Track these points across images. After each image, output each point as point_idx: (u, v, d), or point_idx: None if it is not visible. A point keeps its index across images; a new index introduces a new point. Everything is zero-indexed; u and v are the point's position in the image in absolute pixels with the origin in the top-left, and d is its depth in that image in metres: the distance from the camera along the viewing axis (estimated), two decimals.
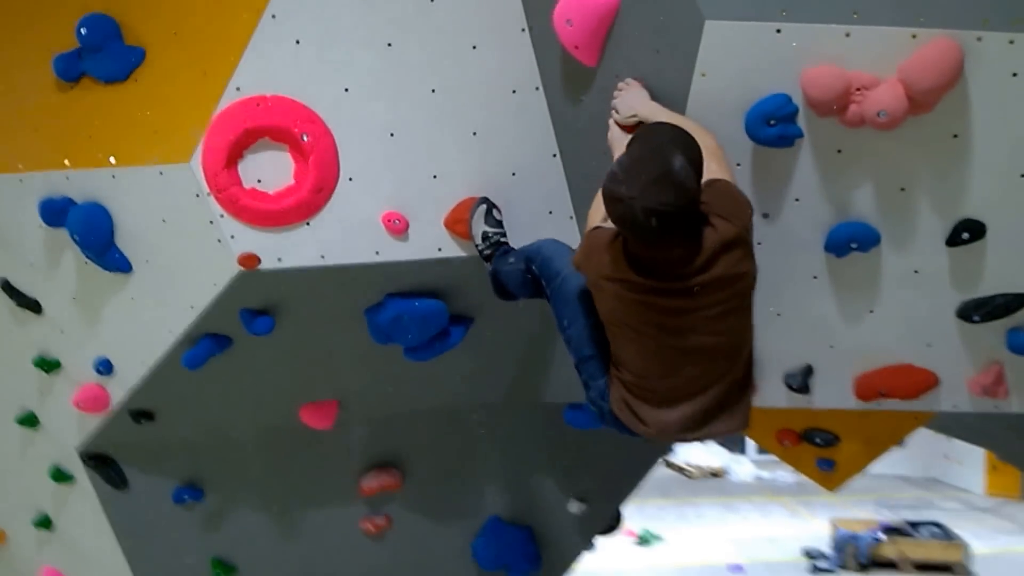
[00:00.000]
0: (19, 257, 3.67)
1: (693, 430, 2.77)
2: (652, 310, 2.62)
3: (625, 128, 2.95)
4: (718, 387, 2.71)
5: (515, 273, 3.17)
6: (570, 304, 2.93)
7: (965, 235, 2.84)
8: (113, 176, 3.38)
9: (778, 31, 2.67)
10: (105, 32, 3.35)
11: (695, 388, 2.71)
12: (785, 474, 14.54)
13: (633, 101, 2.90)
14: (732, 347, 2.71)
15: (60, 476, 4.05)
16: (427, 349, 3.65)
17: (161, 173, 3.28)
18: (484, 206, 3.29)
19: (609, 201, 2.48)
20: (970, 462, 12.90)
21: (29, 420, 3.99)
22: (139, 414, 3.83)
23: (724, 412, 2.75)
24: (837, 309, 3.15)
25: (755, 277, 2.67)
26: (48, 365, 3.81)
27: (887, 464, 3.70)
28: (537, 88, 3.30)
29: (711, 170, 2.61)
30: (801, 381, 3.33)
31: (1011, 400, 3.20)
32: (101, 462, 3.97)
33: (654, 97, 2.93)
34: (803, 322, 3.23)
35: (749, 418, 2.80)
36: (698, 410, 2.73)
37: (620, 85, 2.96)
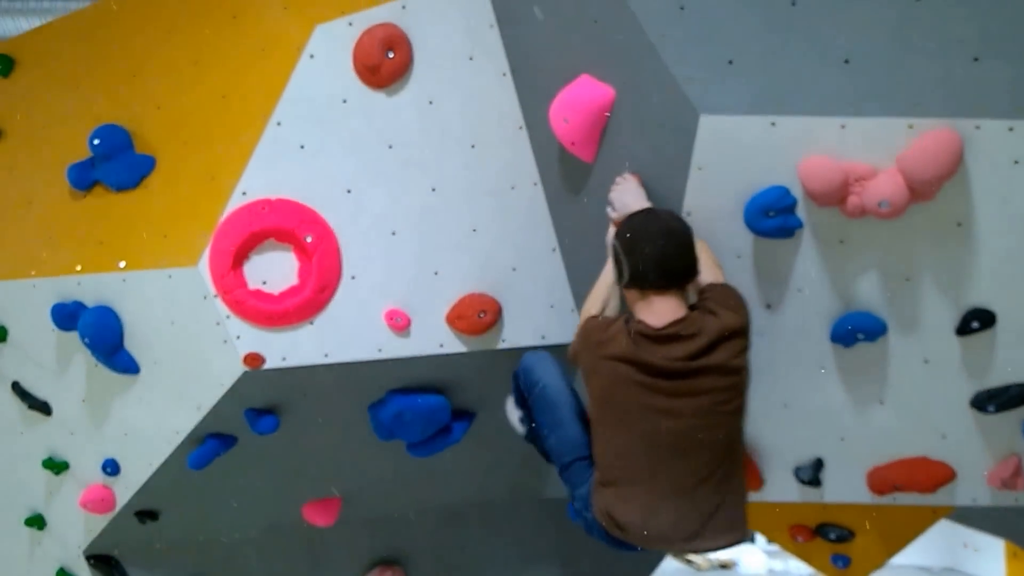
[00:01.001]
0: (30, 360, 3.59)
1: (689, 539, 2.54)
2: (648, 390, 2.50)
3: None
4: (710, 487, 2.51)
5: (517, 400, 3.07)
6: (550, 409, 2.83)
7: (975, 324, 2.64)
8: (123, 280, 3.31)
9: (773, 124, 2.54)
10: (117, 142, 3.35)
11: (686, 484, 2.51)
12: (798, 565, 13.76)
13: (628, 198, 2.77)
14: (723, 444, 2.55)
15: None
16: (430, 445, 3.46)
17: (170, 276, 3.20)
18: (511, 399, 3.14)
19: (626, 244, 2.59)
20: (989, 551, 12.21)
21: (37, 521, 3.82)
22: (144, 514, 3.66)
23: (721, 519, 2.53)
24: (846, 400, 2.92)
25: (749, 379, 2.61)
26: (57, 466, 3.66)
27: (903, 553, 3.41)
28: (535, 184, 3.21)
29: (714, 274, 2.62)
30: (812, 474, 3.08)
31: None
32: (105, 563, 3.78)
33: (651, 190, 2.80)
34: (812, 414, 3.00)
35: (746, 530, 2.63)
36: (691, 511, 2.52)
37: (617, 180, 2.82)
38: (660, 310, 2.55)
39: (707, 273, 2.65)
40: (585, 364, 2.65)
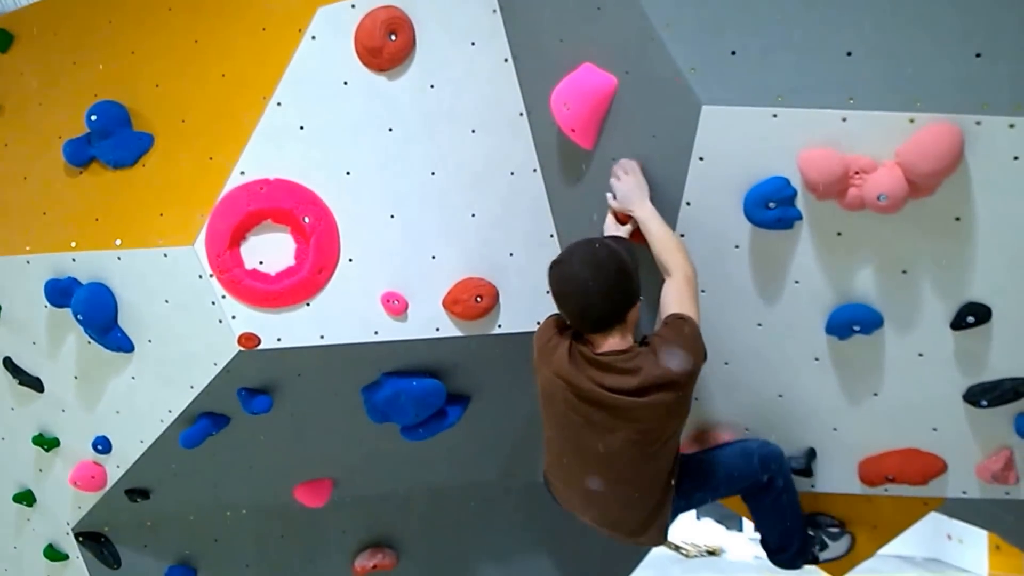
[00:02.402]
0: (23, 336, 3.57)
1: (612, 529, 2.85)
2: (575, 411, 2.60)
3: (619, 216, 2.84)
4: (633, 511, 2.76)
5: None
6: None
7: (970, 319, 2.66)
8: (118, 258, 3.29)
9: (775, 116, 2.55)
10: (115, 119, 3.32)
11: (609, 504, 2.73)
12: None
13: (632, 196, 2.77)
14: (646, 477, 2.69)
15: (54, 555, 3.85)
16: (424, 428, 3.47)
17: (165, 255, 3.20)
18: None
19: (550, 275, 2.64)
20: (972, 542, 12.35)
21: (26, 497, 3.82)
22: (134, 492, 3.66)
23: (632, 530, 2.80)
24: (840, 392, 2.95)
25: (680, 429, 2.68)
26: (47, 443, 3.66)
27: (888, 544, 3.46)
28: (535, 170, 3.21)
29: (683, 303, 2.59)
30: (804, 464, 3.12)
31: (1021, 486, 2.97)
32: (95, 541, 3.78)
33: (651, 180, 2.81)
34: (805, 404, 3.03)
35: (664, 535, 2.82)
36: (602, 518, 2.82)
37: (618, 169, 2.82)
38: (600, 341, 2.61)
39: (675, 303, 2.61)
40: (535, 357, 2.73)
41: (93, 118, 3.29)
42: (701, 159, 2.66)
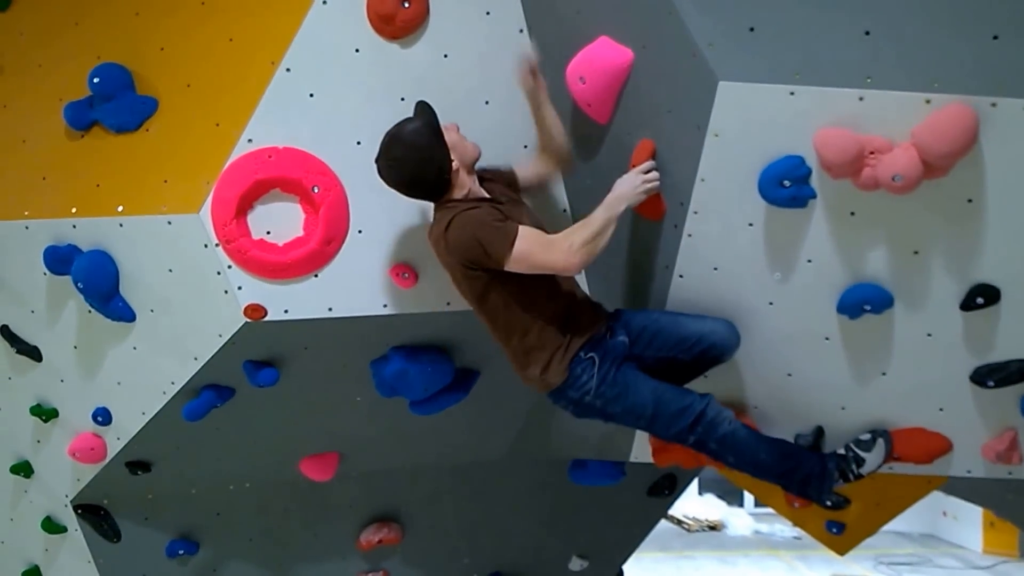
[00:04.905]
0: (21, 304, 3.61)
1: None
2: None
3: None
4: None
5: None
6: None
7: (980, 300, 2.80)
8: (121, 225, 3.34)
9: (791, 93, 2.66)
10: (118, 82, 3.36)
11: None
12: (783, 528, 14.31)
13: (621, 184, 2.95)
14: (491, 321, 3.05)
15: (52, 527, 3.95)
16: (432, 403, 3.59)
17: (170, 223, 3.25)
18: None
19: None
20: (967, 519, 12.74)
21: (23, 469, 3.90)
22: (135, 465, 3.75)
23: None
24: (849, 371, 3.10)
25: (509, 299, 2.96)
26: (45, 413, 3.73)
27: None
28: None
29: (540, 237, 2.89)
30: (812, 441, 3.27)
31: None
32: (94, 513, 3.88)
33: (666, 155, 2.94)
34: (815, 382, 3.18)
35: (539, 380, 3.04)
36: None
37: (645, 166, 2.97)
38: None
39: (544, 232, 2.93)
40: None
41: (96, 80, 3.33)
42: (716, 135, 2.76)
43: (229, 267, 3.20)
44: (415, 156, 2.94)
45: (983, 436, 3.10)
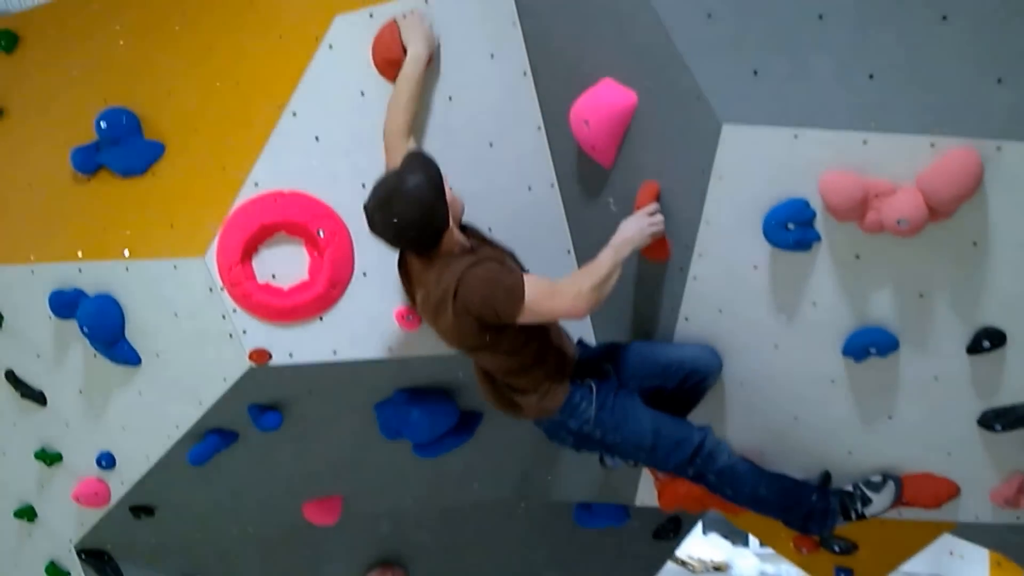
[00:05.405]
0: (26, 348, 3.64)
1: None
2: None
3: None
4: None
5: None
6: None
7: (986, 343, 2.79)
8: (126, 269, 3.37)
9: (795, 136, 2.67)
10: (125, 126, 3.39)
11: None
12: (789, 568, 14.09)
13: (627, 224, 2.95)
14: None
15: (56, 572, 3.94)
16: (436, 445, 3.59)
17: (175, 267, 3.28)
18: None
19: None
20: (973, 559, 12.56)
21: (27, 513, 3.90)
22: (139, 509, 3.75)
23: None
24: (855, 414, 3.08)
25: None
26: (49, 458, 3.74)
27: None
28: (552, 185, 3.32)
29: (549, 284, 2.82)
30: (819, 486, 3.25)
31: None
32: (98, 559, 3.87)
33: (670, 198, 2.94)
34: (821, 426, 3.16)
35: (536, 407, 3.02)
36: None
37: (650, 209, 2.96)
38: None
39: (551, 279, 2.86)
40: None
41: (103, 125, 3.36)
42: (720, 178, 2.77)
43: (234, 311, 3.21)
44: (417, 214, 2.78)
45: (991, 480, 3.07)
